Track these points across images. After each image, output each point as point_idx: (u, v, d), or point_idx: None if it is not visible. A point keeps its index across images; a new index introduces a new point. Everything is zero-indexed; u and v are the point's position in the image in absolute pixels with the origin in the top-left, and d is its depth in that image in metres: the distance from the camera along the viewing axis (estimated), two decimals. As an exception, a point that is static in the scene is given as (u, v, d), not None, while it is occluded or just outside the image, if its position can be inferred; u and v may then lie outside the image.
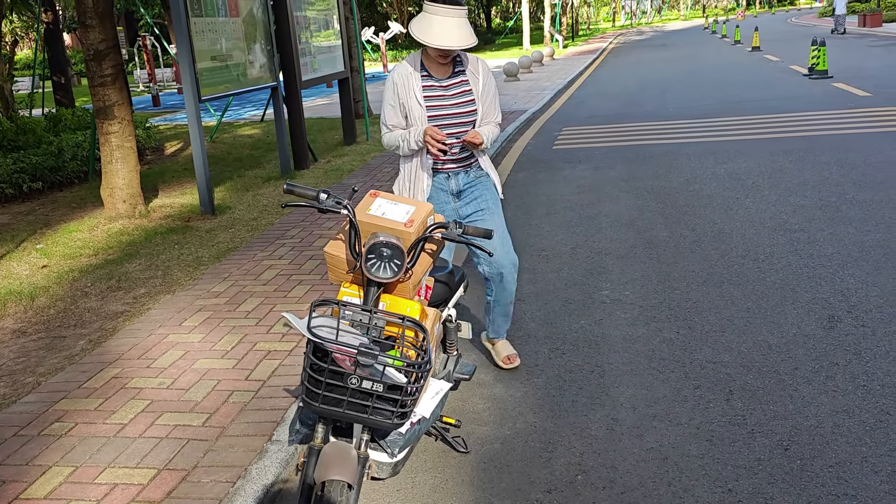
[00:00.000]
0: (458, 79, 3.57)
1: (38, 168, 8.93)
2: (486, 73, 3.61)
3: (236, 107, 18.34)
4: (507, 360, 3.95)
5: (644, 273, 5.13)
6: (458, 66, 3.59)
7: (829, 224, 5.80)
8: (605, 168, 8.63)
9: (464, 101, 3.54)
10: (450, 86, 3.55)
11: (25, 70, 30.22)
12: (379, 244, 2.48)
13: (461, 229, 2.62)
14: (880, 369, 3.59)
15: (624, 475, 2.98)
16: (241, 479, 2.97)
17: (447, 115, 3.52)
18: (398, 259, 2.48)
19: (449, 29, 3.28)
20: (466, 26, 3.34)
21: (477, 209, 3.67)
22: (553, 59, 27.90)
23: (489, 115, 3.65)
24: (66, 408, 3.65)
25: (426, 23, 3.31)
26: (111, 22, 7.08)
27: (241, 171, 9.70)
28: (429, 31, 3.29)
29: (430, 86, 3.53)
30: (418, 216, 2.59)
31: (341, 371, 2.31)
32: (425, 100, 3.51)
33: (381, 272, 2.49)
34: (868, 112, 10.77)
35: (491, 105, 3.64)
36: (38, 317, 4.94)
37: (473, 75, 3.59)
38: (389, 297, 2.60)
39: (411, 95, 3.50)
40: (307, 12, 9.64)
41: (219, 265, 5.74)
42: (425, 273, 2.72)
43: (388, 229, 2.54)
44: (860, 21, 33.33)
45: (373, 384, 2.30)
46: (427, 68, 3.54)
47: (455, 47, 3.29)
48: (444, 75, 3.54)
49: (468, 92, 3.56)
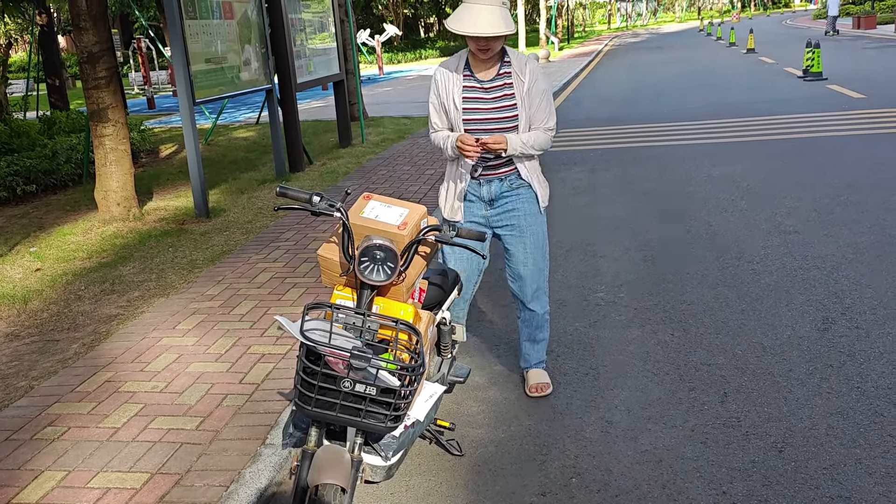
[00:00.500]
0: (501, 81, 3.29)
1: (33, 171, 8.90)
2: (533, 73, 3.29)
3: (231, 109, 18.32)
4: (533, 388, 3.67)
5: (639, 275, 5.13)
6: (505, 66, 3.30)
7: (824, 226, 5.80)
8: (600, 170, 8.64)
9: (504, 106, 3.27)
10: (491, 88, 3.29)
11: (20, 73, 30.17)
12: (372, 247, 2.47)
13: (454, 231, 2.60)
14: (874, 371, 3.60)
15: (618, 478, 2.97)
16: (234, 483, 2.95)
17: (485, 120, 3.28)
18: (391, 262, 2.47)
19: (480, 16, 3.05)
20: (500, 14, 3.08)
21: (506, 224, 3.43)
22: (549, 61, 27.93)
23: (536, 120, 3.32)
24: (59, 412, 3.63)
25: (460, 13, 3.11)
26: (105, 24, 7.07)
27: (235, 173, 9.68)
28: (459, 19, 3.10)
29: (471, 87, 3.30)
30: (412, 219, 2.59)
31: (334, 374, 2.31)
32: (464, 101, 3.30)
33: (374, 275, 2.48)
34: (862, 114, 10.80)
35: (539, 108, 3.31)
36: (31, 320, 4.92)
37: (518, 76, 3.28)
38: (383, 300, 2.59)
39: (450, 97, 3.31)
40: (302, 15, 9.63)
41: (213, 268, 5.73)
42: (419, 276, 2.71)
43: (381, 232, 2.54)
44: (854, 23, 33.44)
45: (366, 387, 2.29)
46: (471, 67, 3.31)
47: (482, 34, 3.04)
48: (487, 76, 3.29)
49: (510, 96, 3.28)
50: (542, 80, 3.32)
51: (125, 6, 28.77)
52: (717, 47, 30.39)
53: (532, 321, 3.61)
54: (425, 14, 50.77)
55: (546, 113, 3.32)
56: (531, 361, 3.73)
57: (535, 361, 3.73)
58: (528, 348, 3.70)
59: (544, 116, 3.32)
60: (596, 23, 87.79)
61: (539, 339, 3.67)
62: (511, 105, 3.27)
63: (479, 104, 3.29)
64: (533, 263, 3.47)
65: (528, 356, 3.72)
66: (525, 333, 3.67)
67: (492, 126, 3.28)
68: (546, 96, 3.32)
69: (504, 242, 3.50)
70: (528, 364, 3.74)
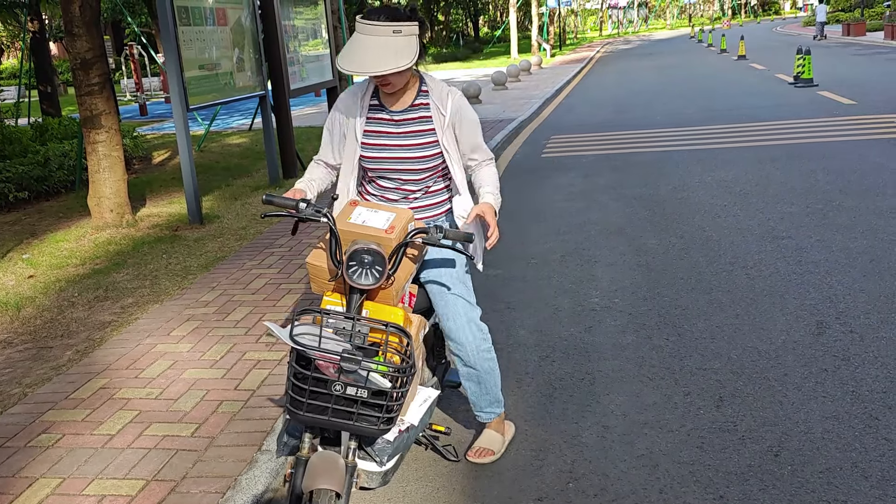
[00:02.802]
0: (416, 113, 2.86)
1: (25, 178, 8.87)
2: (456, 104, 2.87)
3: (224, 116, 18.29)
4: (473, 452, 3.19)
5: (633, 280, 5.14)
6: (422, 95, 2.87)
7: (817, 231, 5.83)
8: (593, 176, 8.66)
9: (417, 144, 2.85)
10: (403, 120, 2.86)
11: (11, 79, 30.08)
12: (360, 251, 2.48)
13: (442, 234, 2.58)
14: (869, 375, 3.61)
15: (615, 482, 2.97)
16: (230, 490, 2.94)
17: (392, 159, 2.87)
18: (379, 265, 2.48)
19: (367, 52, 2.58)
20: (392, 47, 2.59)
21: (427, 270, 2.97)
22: (541, 67, 28.02)
23: (477, 153, 2.95)
24: (53, 419, 3.61)
25: (350, 46, 2.64)
26: (98, 31, 7.06)
27: (229, 179, 9.67)
28: (347, 53, 2.62)
29: (377, 118, 2.88)
30: (399, 222, 2.60)
31: (325, 378, 2.31)
32: (365, 135, 2.88)
33: (362, 279, 2.49)
34: (853, 120, 10.87)
35: (475, 140, 2.93)
36: (24, 327, 4.89)
37: (438, 107, 2.85)
38: (372, 305, 2.60)
39: (351, 128, 2.89)
40: (295, 21, 9.63)
41: (207, 274, 5.71)
42: (408, 279, 2.71)
43: (368, 237, 2.54)
44: (844, 30, 33.74)
45: (357, 390, 2.29)
46: (380, 96, 2.88)
47: (369, 73, 2.61)
48: (399, 106, 2.86)
49: (426, 132, 2.85)
50: (469, 109, 2.92)
51: (117, 13, 28.75)
52: (709, 54, 30.54)
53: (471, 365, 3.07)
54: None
55: (480, 144, 2.97)
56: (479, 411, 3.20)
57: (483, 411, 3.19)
58: (473, 391, 3.14)
59: (483, 147, 2.97)
60: (587, 29, 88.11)
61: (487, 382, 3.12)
62: (428, 143, 2.86)
63: (386, 139, 2.87)
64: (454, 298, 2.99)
65: (475, 402, 3.17)
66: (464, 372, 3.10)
67: (399, 165, 2.88)
68: (478, 127, 2.95)
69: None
70: (478, 412, 3.21)
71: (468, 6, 50.27)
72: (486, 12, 60.81)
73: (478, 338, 2.96)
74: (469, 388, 3.08)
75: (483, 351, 2.97)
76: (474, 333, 2.94)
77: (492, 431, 3.22)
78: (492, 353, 3.03)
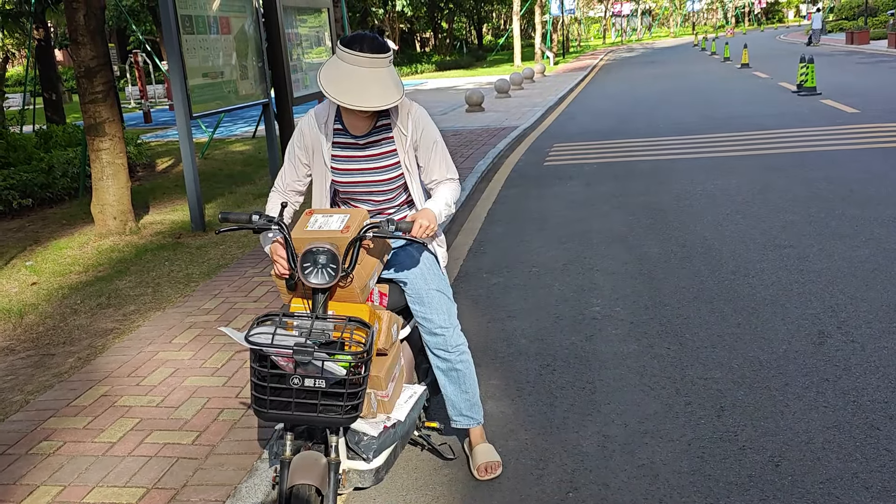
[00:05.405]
0: (378, 135, 2.88)
1: (29, 185, 8.90)
2: (419, 123, 2.88)
3: (228, 123, 18.34)
4: (482, 471, 3.12)
5: (635, 289, 5.13)
6: (383, 117, 2.88)
7: (819, 240, 5.83)
8: (595, 184, 8.67)
9: (382, 167, 2.89)
10: (367, 144, 2.88)
11: (16, 87, 30.19)
12: (311, 252, 2.53)
13: (393, 226, 2.60)
14: (870, 385, 3.60)
15: (616, 492, 2.97)
16: (230, 498, 2.95)
17: (359, 183, 2.92)
18: (333, 263, 2.52)
19: (362, 84, 2.58)
20: (391, 79, 2.64)
21: (402, 269, 2.99)
22: (544, 75, 28.05)
23: (435, 174, 2.93)
24: (55, 426, 3.62)
25: (335, 72, 2.62)
26: (102, 39, 7.10)
27: (232, 187, 9.70)
28: (337, 83, 2.60)
29: (343, 143, 2.89)
30: (353, 221, 2.64)
31: (283, 373, 2.36)
32: (334, 160, 2.89)
33: (317, 278, 2.53)
34: (856, 129, 10.86)
35: (434, 160, 2.91)
36: (27, 334, 4.91)
37: (400, 128, 2.87)
38: (338, 305, 2.65)
39: (318, 152, 2.90)
40: (299, 29, 9.67)
41: (209, 282, 5.73)
42: (370, 276, 2.73)
43: (325, 239, 2.58)
44: (848, 38, 33.74)
45: (315, 381, 2.35)
46: (343, 120, 2.87)
47: (374, 108, 2.61)
48: (361, 130, 2.86)
49: (390, 154, 2.88)
50: (431, 128, 2.91)
51: (122, 21, 28.87)
52: (712, 62, 30.58)
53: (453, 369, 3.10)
54: (421, 29, 51.04)
55: (445, 163, 2.93)
56: (456, 415, 3.17)
57: (461, 416, 3.16)
58: (453, 395, 3.13)
59: (444, 167, 2.93)
60: (591, 37, 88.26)
61: (466, 388, 3.12)
62: (391, 164, 2.89)
63: (353, 163, 2.89)
64: (438, 300, 3.01)
65: (452, 406, 3.15)
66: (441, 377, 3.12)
67: (369, 187, 2.92)
68: (439, 146, 2.92)
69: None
70: (454, 416, 3.18)
71: (472, 14, 50.41)
72: (490, 20, 60.95)
73: (457, 330, 3.01)
74: (448, 390, 3.07)
75: (460, 345, 3.01)
76: (453, 325, 2.99)
77: (484, 444, 3.20)
78: (469, 353, 3.06)
